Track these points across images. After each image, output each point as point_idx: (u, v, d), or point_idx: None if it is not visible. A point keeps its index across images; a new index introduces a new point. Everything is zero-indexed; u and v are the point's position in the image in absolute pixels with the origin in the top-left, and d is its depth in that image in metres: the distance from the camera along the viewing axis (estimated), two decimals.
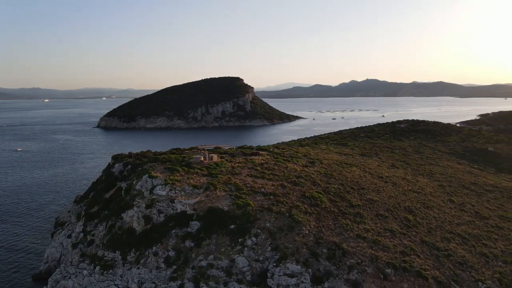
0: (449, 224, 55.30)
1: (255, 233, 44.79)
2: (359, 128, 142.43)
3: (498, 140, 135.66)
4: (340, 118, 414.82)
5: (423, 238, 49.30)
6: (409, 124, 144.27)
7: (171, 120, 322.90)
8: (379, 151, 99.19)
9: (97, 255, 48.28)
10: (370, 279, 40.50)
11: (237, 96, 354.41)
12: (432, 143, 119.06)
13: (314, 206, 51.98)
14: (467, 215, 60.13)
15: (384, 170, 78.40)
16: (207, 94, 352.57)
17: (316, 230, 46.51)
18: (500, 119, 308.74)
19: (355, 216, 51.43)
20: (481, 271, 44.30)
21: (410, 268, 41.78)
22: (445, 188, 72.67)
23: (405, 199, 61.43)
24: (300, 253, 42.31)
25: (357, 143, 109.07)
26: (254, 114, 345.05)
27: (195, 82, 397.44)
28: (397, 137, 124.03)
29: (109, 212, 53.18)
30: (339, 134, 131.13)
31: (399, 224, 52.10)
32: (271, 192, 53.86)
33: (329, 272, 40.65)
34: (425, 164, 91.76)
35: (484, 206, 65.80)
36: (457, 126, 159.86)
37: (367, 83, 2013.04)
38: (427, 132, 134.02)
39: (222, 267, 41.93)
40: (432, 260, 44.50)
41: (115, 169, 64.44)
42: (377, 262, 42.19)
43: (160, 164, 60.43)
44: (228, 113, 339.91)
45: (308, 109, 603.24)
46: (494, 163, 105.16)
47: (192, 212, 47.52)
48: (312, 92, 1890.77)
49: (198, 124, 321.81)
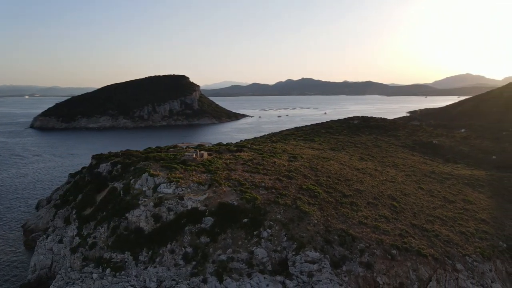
0: (427, 208, 61.60)
1: (268, 225, 46.51)
2: (317, 125, 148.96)
3: (438, 134, 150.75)
4: (284, 116, 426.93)
5: (412, 221, 54.66)
6: (362, 120, 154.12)
7: (116, 120, 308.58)
8: (344, 146, 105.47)
9: (103, 258, 46.54)
10: (380, 260, 44.42)
11: (185, 94, 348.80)
12: (386, 138, 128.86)
13: (314, 198, 54.97)
14: (438, 200, 67.23)
15: (356, 163, 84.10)
16: (153, 93, 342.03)
17: (323, 219, 49.52)
18: (428, 115, 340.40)
19: (351, 205, 55.35)
20: (465, 247, 50.48)
21: (410, 249, 46.47)
22: (411, 177, 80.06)
23: (385, 188, 66.96)
24: (315, 241, 44.98)
25: (322, 138, 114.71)
26: (202, 113, 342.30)
27: (139, 80, 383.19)
28: (354, 132, 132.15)
29: (108, 213, 51.23)
30: (300, 130, 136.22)
31: (389, 210, 57.04)
32: (272, 186, 55.84)
33: (344, 256, 43.84)
34: (386, 156, 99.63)
35: (448, 191, 73.83)
36: (402, 122, 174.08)
37: (303, 82, 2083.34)
38: (379, 128, 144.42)
39: (242, 260, 43.10)
40: (425, 240, 49.73)
41: (102, 169, 61.69)
42: (382, 244, 46.31)
43: (155, 163, 59.24)
44: (176, 111, 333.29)
45: (251, 108, 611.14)
46: (441, 154, 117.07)
47: (204, 208, 47.87)
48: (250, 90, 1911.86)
49: (145, 123, 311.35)
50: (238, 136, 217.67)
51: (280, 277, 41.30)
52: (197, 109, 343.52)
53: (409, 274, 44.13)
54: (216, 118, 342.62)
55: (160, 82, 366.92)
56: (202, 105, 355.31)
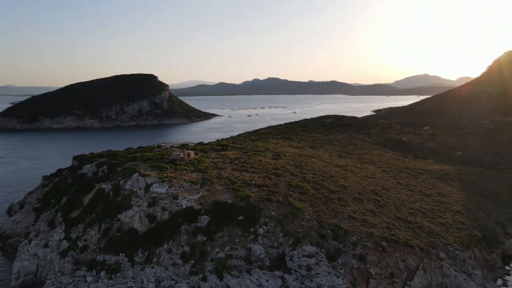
0: (408, 202, 64.74)
1: (264, 222, 47.33)
2: (293, 124, 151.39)
3: (406, 131, 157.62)
4: (254, 115, 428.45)
5: (396, 214, 57.35)
6: (335, 119, 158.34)
7: (82, 120, 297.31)
8: (322, 144, 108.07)
9: (96, 260, 45.53)
10: (372, 252, 46.45)
11: (154, 94, 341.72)
12: (359, 136, 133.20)
13: (304, 194, 56.35)
14: (416, 194, 70.75)
15: (337, 160, 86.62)
16: (121, 92, 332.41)
17: (315, 214, 50.98)
18: (393, 114, 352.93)
19: (339, 200, 57.25)
20: (446, 237, 53.67)
21: (398, 240, 48.91)
22: (389, 173, 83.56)
23: (367, 184, 69.59)
24: (311, 236, 46.30)
25: (299, 137, 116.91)
26: (172, 112, 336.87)
27: (105, 79, 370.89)
28: (329, 131, 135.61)
29: (98, 215, 50.05)
30: (277, 129, 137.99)
31: (374, 205, 59.48)
32: (262, 184, 56.70)
33: (339, 250, 45.45)
34: (362, 153, 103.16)
35: (423, 185, 77.78)
36: (372, 120, 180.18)
37: (269, 81, 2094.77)
38: (351, 126, 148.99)
39: (240, 257, 43.66)
40: (410, 232, 52.42)
41: (87, 170, 59.88)
42: (373, 237, 48.41)
43: (143, 163, 58.35)
44: (145, 111, 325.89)
45: (220, 107, 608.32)
46: (411, 151, 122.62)
47: (199, 207, 47.94)
48: (217, 90, 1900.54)
49: (113, 124, 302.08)
50: (211, 135, 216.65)
51: (278, 272, 42.22)
52: (167, 109, 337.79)
53: (398, 264, 46.45)
54: (186, 118, 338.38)
55: (128, 81, 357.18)
56: (172, 105, 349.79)
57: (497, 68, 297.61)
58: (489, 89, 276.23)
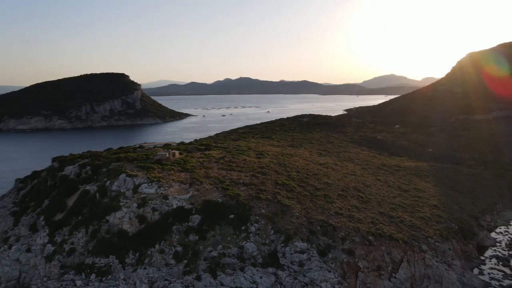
0: (388, 197, 67.15)
1: (255, 220, 47.88)
2: (270, 123, 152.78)
3: (380, 130, 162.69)
4: (228, 115, 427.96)
5: (379, 210, 59.40)
6: (311, 118, 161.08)
7: (50, 120, 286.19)
8: (301, 143, 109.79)
9: (84, 264, 44.53)
10: (359, 246, 48.01)
11: (126, 93, 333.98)
12: (336, 134, 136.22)
13: (291, 192, 57.35)
14: (395, 190, 73.44)
15: (317, 158, 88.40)
16: (91, 91, 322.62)
17: (304, 211, 52.04)
18: (364, 113, 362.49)
19: (325, 197, 58.64)
20: (426, 230, 56.15)
21: (383, 234, 50.77)
22: (368, 170, 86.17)
23: (349, 181, 71.57)
24: (301, 232, 47.30)
25: (279, 136, 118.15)
26: (145, 112, 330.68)
27: (74, 78, 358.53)
28: (306, 129, 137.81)
29: (85, 217, 48.86)
30: (255, 128, 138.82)
31: (357, 201, 61.32)
32: (250, 182, 57.22)
33: (329, 245, 46.70)
34: (340, 151, 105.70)
35: (400, 181, 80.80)
36: (346, 119, 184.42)
37: (241, 81, 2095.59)
38: (327, 125, 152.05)
39: (233, 255, 44.01)
40: (393, 226, 54.49)
41: (69, 172, 58.11)
42: (360, 232, 50.03)
43: (129, 163, 57.36)
44: (117, 111, 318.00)
45: (192, 107, 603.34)
46: (385, 148, 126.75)
47: (190, 207, 47.85)
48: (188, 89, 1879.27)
49: (83, 124, 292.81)
50: (186, 135, 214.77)
51: (272, 269, 42.88)
52: (140, 109, 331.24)
53: (384, 257, 48.24)
54: (160, 118, 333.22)
55: (98, 80, 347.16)
56: (145, 105, 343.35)
57: (460, 69, 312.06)
58: (453, 89, 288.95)
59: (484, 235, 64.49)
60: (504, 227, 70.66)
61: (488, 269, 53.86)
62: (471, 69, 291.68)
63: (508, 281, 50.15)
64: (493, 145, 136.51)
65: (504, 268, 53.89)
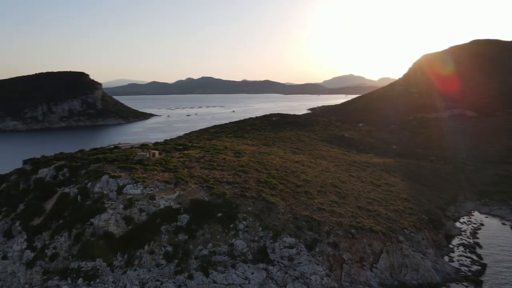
0: (363, 192, 70.13)
1: (243, 218, 48.59)
2: (241, 122, 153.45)
3: (346, 128, 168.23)
4: (194, 114, 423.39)
5: (357, 204, 62.03)
6: (280, 117, 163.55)
7: (3, 121, 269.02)
8: (274, 141, 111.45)
9: (69, 268, 43.19)
10: (343, 239, 50.09)
11: (85, 93, 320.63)
12: (305, 133, 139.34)
13: (273, 189, 58.55)
14: (368, 185, 76.73)
15: (292, 156, 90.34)
16: (47, 91, 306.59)
17: (288, 208, 53.40)
18: (327, 112, 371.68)
19: (306, 194, 60.37)
20: (401, 222, 59.43)
21: (364, 227, 53.23)
22: (340, 167, 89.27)
23: (326, 177, 73.93)
24: (289, 228, 48.60)
25: (251, 135, 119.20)
26: (107, 112, 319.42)
27: (28, 77, 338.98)
28: (277, 128, 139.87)
29: (66, 220, 47.27)
30: (226, 128, 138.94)
31: (336, 196, 63.62)
32: (233, 181, 57.78)
33: (315, 239, 48.34)
34: (312, 149, 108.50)
35: (372, 177, 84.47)
36: (314, 118, 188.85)
37: (203, 80, 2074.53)
38: (296, 124, 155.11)
39: (224, 252, 44.51)
40: (372, 219, 57.19)
41: (44, 175, 55.66)
42: (342, 226, 52.15)
43: (109, 164, 55.90)
44: (76, 111, 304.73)
45: (156, 107, 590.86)
46: (353, 146, 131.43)
47: (178, 206, 47.71)
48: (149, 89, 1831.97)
49: (40, 125, 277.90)
50: (153, 136, 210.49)
51: (262, 265, 43.84)
52: (101, 109, 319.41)
53: (365, 249, 50.65)
54: (123, 118, 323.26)
55: (56, 79, 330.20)
56: (107, 105, 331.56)
57: (416, 70, 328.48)
58: (410, 89, 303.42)
59: (451, 225, 69.09)
60: (467, 217, 75.95)
61: (457, 256, 57.84)
62: (426, 70, 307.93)
63: (476, 266, 54.19)
64: (450, 142, 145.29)
65: (471, 255, 58.10)
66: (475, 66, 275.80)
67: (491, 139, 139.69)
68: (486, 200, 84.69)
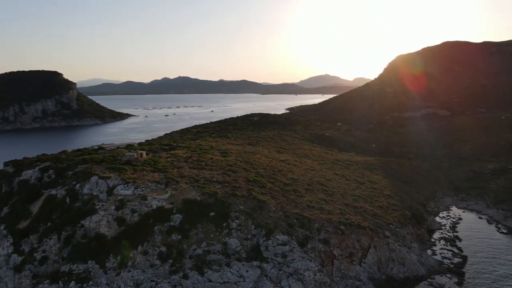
0: (349, 190, 71.83)
1: (235, 216, 48.95)
2: (222, 122, 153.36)
3: (326, 127, 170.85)
4: (172, 114, 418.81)
5: (344, 201, 63.52)
6: (261, 117, 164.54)
7: None
8: (257, 141, 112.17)
9: (61, 272, 42.31)
10: (333, 236, 51.30)
11: (60, 92, 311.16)
12: (287, 132, 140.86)
13: (263, 188, 59.17)
14: (352, 183, 78.62)
15: (277, 156, 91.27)
16: (19, 91, 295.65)
17: (279, 206, 54.16)
18: (306, 111, 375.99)
19: (294, 192, 61.32)
20: (386, 217, 61.30)
21: (352, 223, 54.66)
22: (324, 165, 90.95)
23: (312, 176, 75.20)
24: (281, 226, 49.35)
25: (234, 135, 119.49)
26: (82, 113, 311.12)
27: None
28: (259, 128, 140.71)
29: (55, 223, 46.21)
30: (208, 128, 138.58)
31: (323, 194, 64.94)
32: (223, 180, 58.01)
33: (307, 236, 49.28)
34: (296, 148, 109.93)
35: (356, 175, 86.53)
36: (294, 118, 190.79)
37: (180, 80, 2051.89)
38: (277, 123, 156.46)
39: (218, 251, 44.73)
40: (359, 215, 58.75)
41: (29, 177, 54.04)
42: (332, 223, 53.37)
43: (97, 165, 54.89)
44: (50, 112, 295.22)
45: (132, 107, 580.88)
46: (334, 145, 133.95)
47: (170, 206, 47.56)
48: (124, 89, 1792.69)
49: (12, 126, 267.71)
50: (132, 136, 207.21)
51: (256, 262, 44.34)
52: (77, 109, 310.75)
53: (354, 245, 52.06)
54: (99, 118, 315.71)
55: (28, 79, 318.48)
56: (82, 105, 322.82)
57: (391, 70, 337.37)
58: (386, 89, 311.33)
59: (432, 220, 71.71)
60: (446, 212, 79.03)
61: (439, 250, 60.21)
62: (400, 70, 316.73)
63: (457, 259, 56.60)
64: (426, 140, 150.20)
65: (452, 248, 60.63)
66: (446, 67, 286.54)
67: (464, 137, 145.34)
68: (463, 195, 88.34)
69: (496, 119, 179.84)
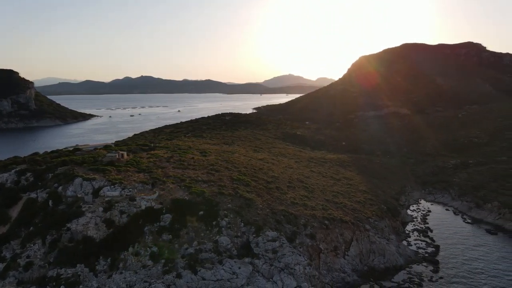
0: (327, 186, 74.20)
1: (224, 215, 49.46)
2: (194, 122, 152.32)
3: (297, 126, 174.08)
4: (137, 115, 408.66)
5: (324, 197, 65.68)
6: (233, 117, 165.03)
7: None
8: (233, 140, 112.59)
9: (48, 277, 40.98)
10: (319, 230, 53.08)
11: (16, 92, 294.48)
12: (260, 131, 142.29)
13: (247, 186, 59.99)
14: (329, 179, 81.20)
15: (255, 154, 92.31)
16: None
17: (265, 203, 55.21)
18: (273, 111, 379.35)
19: (278, 189, 62.63)
20: (365, 212, 64.05)
21: (335, 218, 56.79)
22: (301, 163, 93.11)
23: (291, 173, 76.90)
24: (269, 223, 50.41)
25: (209, 134, 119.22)
26: (42, 113, 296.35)
27: None
28: (232, 127, 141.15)
29: (38, 227, 44.57)
30: (181, 127, 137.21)
31: (304, 191, 66.73)
32: (208, 180, 58.25)
33: (294, 232, 50.69)
34: (270, 147, 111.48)
35: (331, 172, 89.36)
36: (265, 117, 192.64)
37: (142, 80, 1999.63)
38: (249, 123, 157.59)
39: (209, 249, 45.11)
40: (340, 210, 61.05)
41: (4, 180, 51.42)
42: (316, 218, 55.18)
43: (79, 167, 53.25)
44: (6, 112, 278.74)
45: (94, 107, 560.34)
46: (306, 143, 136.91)
47: (159, 206, 47.27)
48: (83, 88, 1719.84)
49: None
50: (98, 137, 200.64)
51: (247, 259, 45.10)
52: (35, 109, 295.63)
53: (338, 238, 54.13)
54: (60, 119, 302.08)
55: None
56: (41, 105, 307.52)
57: (353, 71, 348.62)
58: (350, 88, 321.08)
59: (404, 213, 75.60)
60: (416, 205, 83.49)
61: (413, 241, 63.71)
62: (363, 70, 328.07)
63: (431, 248, 60.20)
64: (392, 138, 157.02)
65: (425, 238, 64.35)
66: (405, 68, 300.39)
67: (425, 135, 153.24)
68: (430, 189, 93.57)
69: (453, 117, 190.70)
